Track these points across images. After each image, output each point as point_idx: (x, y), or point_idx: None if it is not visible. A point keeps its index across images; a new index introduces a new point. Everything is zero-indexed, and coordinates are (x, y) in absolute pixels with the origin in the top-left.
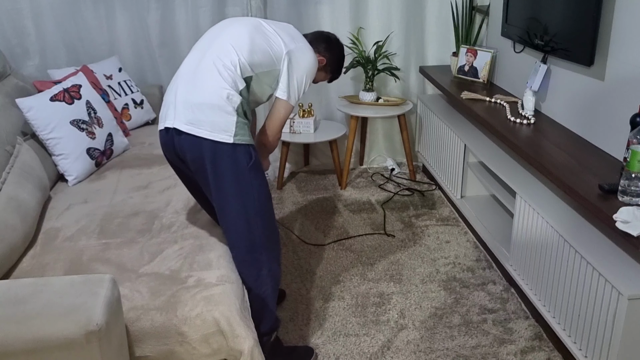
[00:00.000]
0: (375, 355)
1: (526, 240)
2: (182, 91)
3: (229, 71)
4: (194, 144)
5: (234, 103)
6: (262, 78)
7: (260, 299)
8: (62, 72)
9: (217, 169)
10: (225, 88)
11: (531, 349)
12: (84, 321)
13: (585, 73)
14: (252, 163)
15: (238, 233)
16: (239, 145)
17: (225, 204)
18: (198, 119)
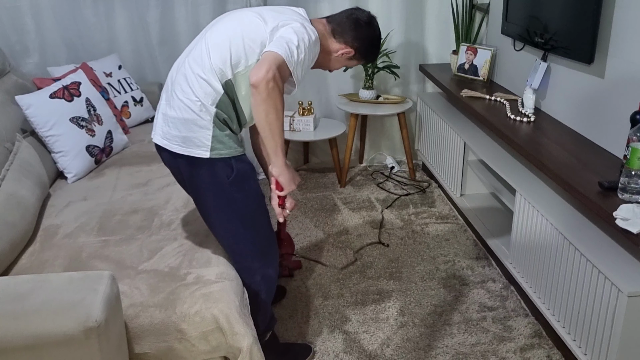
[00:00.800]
0: (374, 352)
1: (526, 238)
2: (164, 101)
3: (200, 81)
4: (171, 159)
5: (207, 115)
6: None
7: (254, 302)
8: (62, 69)
9: (195, 185)
10: (196, 100)
11: (530, 346)
12: (83, 317)
13: (585, 71)
14: (234, 176)
15: (226, 244)
16: (216, 159)
17: (208, 217)
18: (172, 134)
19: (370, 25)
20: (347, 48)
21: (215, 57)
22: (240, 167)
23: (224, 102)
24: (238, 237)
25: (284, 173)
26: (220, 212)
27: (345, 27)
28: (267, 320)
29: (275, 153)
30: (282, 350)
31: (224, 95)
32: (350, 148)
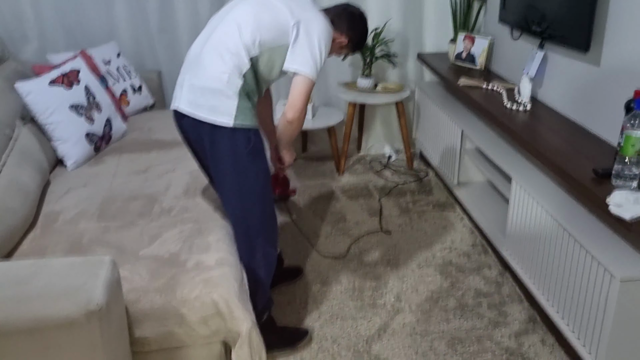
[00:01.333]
0: (371, 337)
1: (521, 225)
2: (188, 74)
3: (230, 54)
4: (194, 126)
5: (234, 87)
6: (270, 55)
7: (253, 281)
8: (61, 56)
9: (215, 152)
10: (225, 72)
11: (525, 331)
12: (84, 301)
13: (582, 59)
14: (251, 148)
15: (235, 216)
16: (238, 129)
17: (223, 186)
18: (199, 102)
19: (362, 19)
20: (342, 37)
21: (245, 34)
22: (256, 140)
23: (249, 75)
24: (246, 209)
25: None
26: (235, 182)
27: (343, 18)
28: (265, 300)
29: (286, 147)
30: (279, 333)
31: (250, 70)
32: (349, 136)
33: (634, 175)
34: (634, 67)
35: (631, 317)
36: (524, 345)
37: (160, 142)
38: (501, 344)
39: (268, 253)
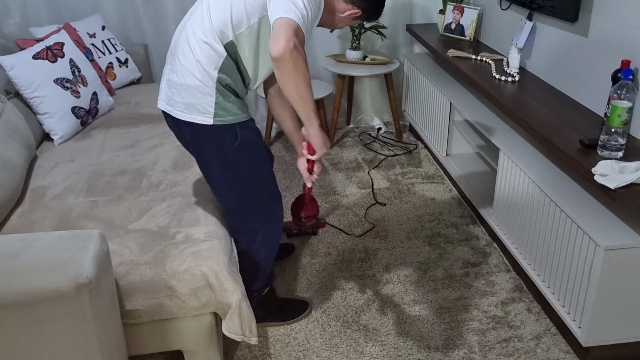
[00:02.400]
0: (361, 308)
1: (509, 195)
2: (167, 67)
3: (201, 45)
4: (174, 125)
5: (210, 81)
6: (250, 38)
7: (254, 262)
8: (44, 30)
9: (198, 150)
10: (198, 66)
11: (511, 300)
12: (73, 274)
13: (570, 30)
14: (239, 143)
15: (228, 207)
16: (220, 126)
17: (211, 182)
18: (175, 99)
19: None
20: (355, 9)
21: (216, 18)
22: (244, 133)
23: (227, 65)
24: (242, 200)
25: (318, 136)
26: (223, 177)
27: None
28: (265, 278)
29: (309, 117)
30: (279, 305)
31: (227, 58)
32: (338, 109)
33: (620, 146)
34: (621, 38)
35: (615, 285)
36: (511, 313)
37: (148, 116)
38: (488, 312)
39: (269, 233)
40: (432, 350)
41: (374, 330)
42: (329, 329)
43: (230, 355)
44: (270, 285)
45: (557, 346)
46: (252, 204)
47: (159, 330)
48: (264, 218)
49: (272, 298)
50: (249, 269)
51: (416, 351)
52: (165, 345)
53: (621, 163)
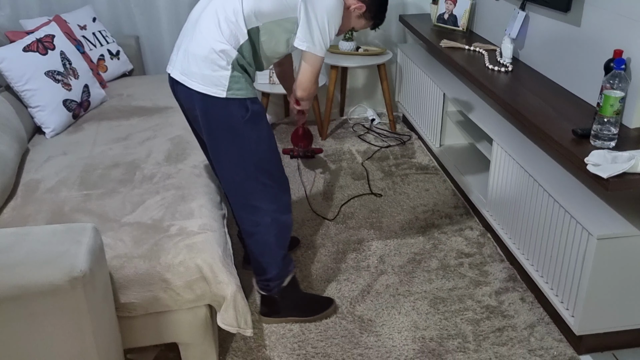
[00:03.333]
0: (355, 299)
1: (502, 186)
2: (185, 39)
3: (229, 22)
4: (187, 94)
5: (228, 57)
6: (272, 29)
7: (262, 245)
8: (35, 22)
9: (209, 122)
10: (220, 41)
11: (505, 290)
12: (67, 268)
13: (562, 19)
14: (249, 116)
15: (235, 182)
16: (232, 99)
17: (218, 155)
18: (191, 70)
19: None
20: (359, 3)
21: (248, 4)
22: (254, 108)
23: (246, 47)
24: (249, 175)
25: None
26: (233, 150)
27: None
28: (279, 265)
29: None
30: (301, 300)
31: (247, 41)
32: (331, 100)
33: (613, 135)
34: (613, 27)
35: (607, 274)
36: (504, 303)
37: (140, 109)
38: (482, 302)
39: (280, 220)
40: (427, 340)
41: (368, 321)
42: (324, 320)
43: (226, 347)
44: (289, 274)
45: (551, 335)
46: (259, 180)
47: (153, 323)
48: (271, 198)
49: (295, 293)
50: (259, 254)
51: (411, 341)
52: (161, 338)
53: (614, 152)
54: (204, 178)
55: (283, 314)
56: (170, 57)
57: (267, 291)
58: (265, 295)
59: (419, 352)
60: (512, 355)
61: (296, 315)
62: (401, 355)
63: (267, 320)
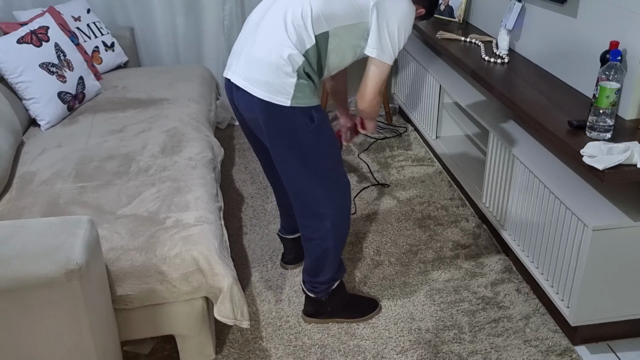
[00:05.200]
0: (352, 290)
1: (498, 177)
2: (247, 43)
3: (296, 26)
4: (248, 102)
5: (294, 64)
6: (342, 35)
7: (322, 251)
8: (28, 13)
9: (272, 131)
10: (287, 46)
11: (501, 281)
12: (63, 260)
13: (558, 10)
14: (314, 126)
15: (299, 191)
16: (297, 108)
17: (283, 163)
18: (255, 77)
19: None
20: (420, 8)
21: (317, 7)
22: (319, 117)
23: (312, 54)
24: (313, 183)
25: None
26: (296, 160)
27: None
28: (334, 270)
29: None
30: (349, 301)
31: (314, 47)
32: (327, 93)
33: (608, 127)
34: (609, 19)
35: (602, 265)
36: (500, 294)
37: (136, 101)
38: (478, 293)
39: (338, 225)
40: (423, 331)
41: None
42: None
43: (223, 339)
44: (340, 278)
45: (546, 326)
46: (323, 188)
47: (150, 315)
48: (333, 203)
49: (341, 293)
50: (316, 258)
51: (407, 333)
52: (157, 330)
53: (609, 144)
54: (200, 170)
55: (328, 315)
56: (228, 62)
57: (314, 293)
58: (311, 297)
59: (415, 343)
60: (508, 346)
61: (342, 317)
62: (397, 346)
63: (310, 321)
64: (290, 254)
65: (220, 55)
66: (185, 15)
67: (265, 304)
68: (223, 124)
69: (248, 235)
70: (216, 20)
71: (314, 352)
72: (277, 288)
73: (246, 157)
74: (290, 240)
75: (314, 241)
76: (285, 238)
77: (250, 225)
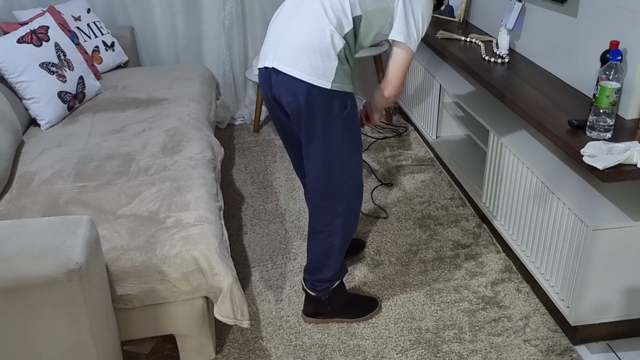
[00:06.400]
0: (352, 290)
1: (498, 177)
2: (284, 30)
3: (335, 10)
4: (290, 85)
5: (336, 47)
6: (371, 18)
7: (328, 247)
8: (28, 13)
9: (310, 114)
10: (329, 29)
11: (501, 280)
12: (63, 260)
13: (559, 10)
14: (346, 113)
15: (318, 179)
16: (336, 92)
17: (310, 149)
18: (297, 60)
19: None
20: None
21: None
22: (352, 104)
23: (350, 37)
24: (332, 174)
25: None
26: (324, 146)
27: None
28: (336, 268)
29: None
30: (348, 301)
31: (351, 30)
32: None
33: (609, 126)
34: (610, 18)
35: (602, 265)
36: (500, 293)
37: (136, 101)
38: (478, 293)
39: (348, 222)
40: (423, 331)
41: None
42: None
43: (223, 339)
44: (341, 278)
45: (546, 325)
46: (341, 183)
47: (150, 315)
48: (347, 200)
49: (341, 293)
50: (321, 254)
51: (407, 332)
52: (157, 330)
53: (609, 144)
54: (200, 170)
55: (329, 315)
56: (261, 53)
57: (315, 291)
58: (312, 296)
59: (415, 342)
60: (508, 345)
61: (342, 317)
62: (397, 346)
63: (310, 321)
64: None
65: (220, 55)
66: (186, 15)
67: (265, 304)
68: (223, 124)
69: (248, 235)
70: (216, 20)
71: (314, 351)
72: (277, 288)
73: (246, 156)
74: None
75: (321, 235)
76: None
77: (250, 225)
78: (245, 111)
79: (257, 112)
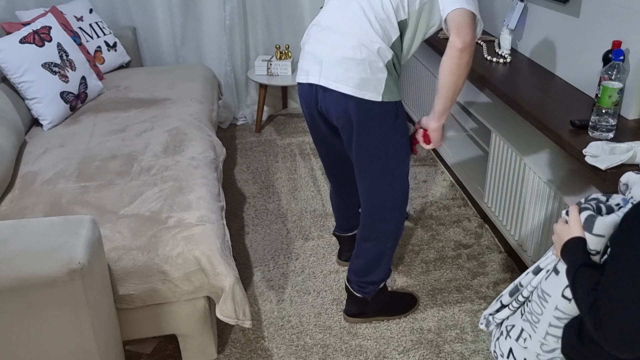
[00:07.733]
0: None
1: (500, 177)
2: (329, 44)
3: (380, 20)
4: (340, 101)
5: (385, 58)
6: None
7: (380, 252)
8: (31, 13)
9: (362, 128)
10: (376, 41)
11: (503, 280)
12: (66, 260)
13: (561, 10)
14: (397, 121)
15: (372, 191)
16: (387, 103)
17: (363, 162)
18: (346, 76)
19: None
20: None
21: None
22: (402, 114)
23: (397, 45)
24: (385, 183)
25: (439, 132)
26: (377, 156)
27: None
28: (386, 270)
29: (444, 113)
30: (390, 300)
31: (398, 38)
32: None
33: (611, 126)
34: (612, 18)
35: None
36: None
37: (138, 101)
38: (480, 292)
39: (398, 226)
40: (425, 331)
41: None
42: (322, 311)
43: (224, 338)
44: (387, 280)
45: None
46: (393, 188)
47: (152, 315)
48: (397, 207)
49: (385, 294)
50: (373, 259)
51: (409, 332)
52: (159, 330)
53: (612, 144)
54: (202, 170)
55: (371, 314)
56: (301, 65)
57: (362, 293)
58: (356, 297)
59: (417, 342)
60: None
61: (384, 315)
62: (399, 346)
63: (354, 321)
64: (348, 252)
65: (221, 55)
66: (187, 15)
67: (267, 304)
68: (225, 124)
69: (250, 235)
70: (218, 20)
71: (316, 351)
72: (279, 288)
73: (248, 157)
74: (348, 238)
75: (374, 242)
76: (343, 236)
77: (252, 225)
78: (247, 111)
79: (259, 112)
